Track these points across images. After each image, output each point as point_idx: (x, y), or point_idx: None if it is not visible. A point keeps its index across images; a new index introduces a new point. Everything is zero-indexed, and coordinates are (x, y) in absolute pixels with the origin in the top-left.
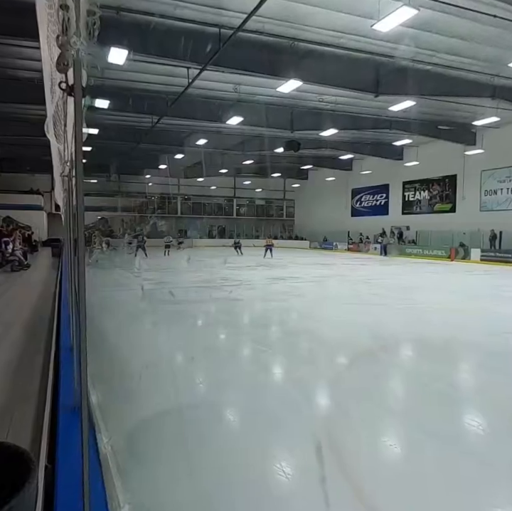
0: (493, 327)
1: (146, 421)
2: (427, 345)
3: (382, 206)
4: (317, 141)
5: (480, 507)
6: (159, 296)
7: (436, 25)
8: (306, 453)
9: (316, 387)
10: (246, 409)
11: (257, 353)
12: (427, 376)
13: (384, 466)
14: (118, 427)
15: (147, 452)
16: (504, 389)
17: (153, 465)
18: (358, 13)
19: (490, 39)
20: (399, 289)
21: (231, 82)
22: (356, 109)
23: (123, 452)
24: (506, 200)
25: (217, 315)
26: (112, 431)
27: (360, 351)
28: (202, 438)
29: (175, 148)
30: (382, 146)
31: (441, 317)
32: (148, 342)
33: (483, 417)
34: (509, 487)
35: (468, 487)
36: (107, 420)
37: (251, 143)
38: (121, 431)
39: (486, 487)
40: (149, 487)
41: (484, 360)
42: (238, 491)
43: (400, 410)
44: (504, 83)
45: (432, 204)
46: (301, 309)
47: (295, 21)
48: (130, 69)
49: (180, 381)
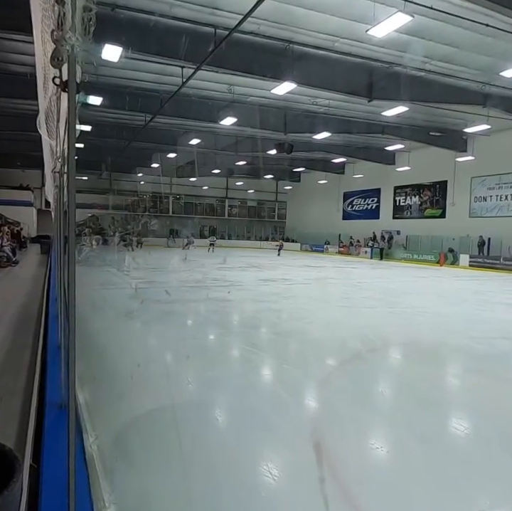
0: (479, 331)
1: (134, 421)
2: (415, 348)
3: (374, 210)
4: (310, 143)
5: (465, 507)
6: (150, 295)
7: (430, 33)
8: (294, 454)
9: (305, 388)
10: (236, 409)
11: (247, 354)
12: (415, 378)
13: (371, 467)
14: (106, 426)
15: (135, 452)
16: (489, 391)
17: (141, 465)
18: (353, 18)
19: (482, 48)
20: (389, 292)
21: (225, 82)
22: (349, 113)
23: (110, 451)
24: (495, 207)
25: (207, 315)
26: (100, 431)
27: (350, 353)
28: (192, 438)
29: (168, 147)
30: (375, 150)
31: (429, 321)
32: (138, 342)
33: (469, 419)
34: (492, 489)
35: (452, 488)
36: (94, 420)
37: (244, 144)
38: (109, 431)
39: (470, 488)
40: (137, 487)
41: (470, 363)
42: (227, 492)
43: (388, 411)
44: (495, 92)
45: (422, 209)
46: (291, 311)
47: (290, 24)
48: (124, 66)
49: (169, 381)
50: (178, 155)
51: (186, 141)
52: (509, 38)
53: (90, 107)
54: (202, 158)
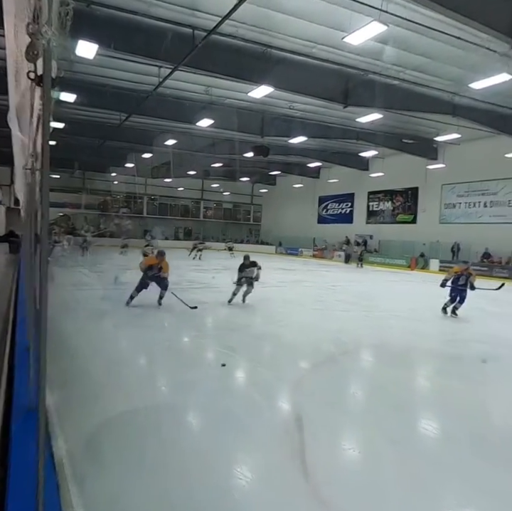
0: (448, 334)
1: (106, 423)
2: (387, 351)
3: (348, 214)
4: (286, 147)
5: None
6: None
7: (405, 43)
8: (267, 456)
9: (278, 391)
10: (210, 412)
11: (222, 356)
12: (386, 380)
13: (343, 468)
14: (76, 429)
15: (107, 455)
16: (458, 393)
17: (112, 468)
18: (330, 25)
19: (453, 59)
20: (362, 296)
21: (203, 84)
22: (325, 118)
23: (81, 455)
24: (464, 214)
25: (182, 318)
26: (70, 434)
27: (323, 356)
28: (163, 440)
29: (143, 147)
30: (349, 156)
31: (400, 324)
32: (109, 345)
33: (439, 420)
34: (460, 489)
35: (422, 489)
36: (64, 423)
37: (220, 146)
38: (80, 434)
39: (439, 488)
40: (107, 491)
41: (440, 365)
42: (200, 494)
43: (360, 413)
44: (464, 102)
45: (394, 215)
46: (266, 314)
47: (269, 28)
48: (100, 64)
49: (141, 384)
50: (153, 155)
51: (162, 142)
52: (479, 51)
53: (63, 104)
54: (178, 159)
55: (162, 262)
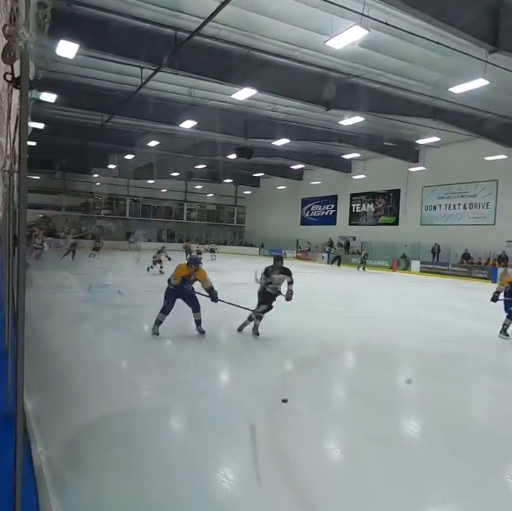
0: (430, 334)
1: (86, 429)
2: (369, 351)
3: (331, 216)
4: (269, 149)
5: (415, 505)
6: (103, 299)
7: (386, 47)
8: (250, 458)
9: (263, 392)
10: (191, 414)
11: (205, 358)
12: (369, 380)
13: (325, 468)
14: (56, 435)
15: (87, 461)
16: (438, 392)
17: (93, 474)
18: (313, 29)
19: (433, 64)
20: (345, 297)
21: (185, 85)
22: (308, 120)
23: (60, 461)
24: (444, 215)
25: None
26: (49, 440)
27: (307, 356)
28: (146, 444)
29: (125, 148)
30: (332, 158)
31: (383, 324)
32: (91, 348)
33: (419, 419)
34: (441, 487)
35: (404, 488)
36: (43, 428)
37: (204, 147)
38: (59, 440)
39: (421, 487)
40: (88, 498)
41: (421, 365)
42: (182, 498)
43: (342, 413)
44: (444, 106)
45: (376, 216)
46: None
47: (251, 31)
48: (81, 64)
49: (124, 387)
50: (136, 157)
51: (144, 143)
52: (458, 56)
53: (44, 104)
54: (160, 160)
55: (197, 273)
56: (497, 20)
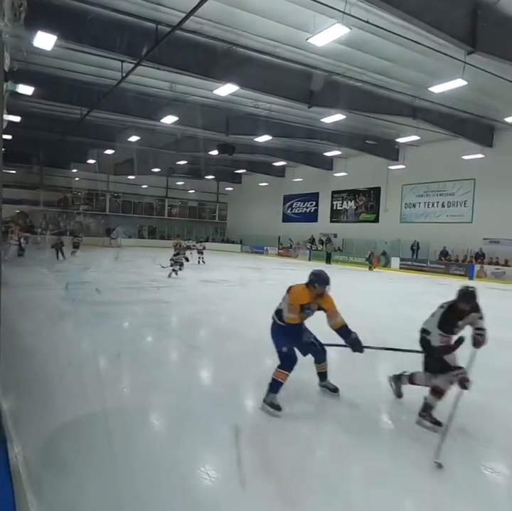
0: (409, 330)
1: (64, 427)
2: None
3: (312, 213)
4: (251, 146)
5: (396, 498)
6: (82, 296)
7: (367, 46)
8: (232, 455)
9: (243, 388)
10: (173, 412)
11: (185, 356)
12: (351, 376)
13: (308, 465)
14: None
15: (65, 462)
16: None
17: (72, 474)
18: (295, 26)
19: (413, 63)
20: None
21: (167, 80)
22: (290, 117)
23: (37, 461)
24: (423, 213)
25: (144, 317)
26: (26, 439)
27: None
28: (126, 443)
29: (105, 143)
30: (314, 155)
31: (362, 321)
32: (69, 346)
33: (402, 415)
34: (424, 480)
35: (385, 481)
36: (20, 428)
37: (185, 143)
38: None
39: (401, 481)
40: (66, 499)
41: (401, 362)
42: (164, 496)
43: (324, 409)
44: (424, 105)
45: (357, 214)
46: (230, 312)
47: (234, 26)
48: (59, 56)
49: (103, 386)
50: (116, 152)
51: (125, 138)
52: (437, 56)
53: (20, 97)
54: (141, 156)
55: (322, 300)
56: (475, 22)
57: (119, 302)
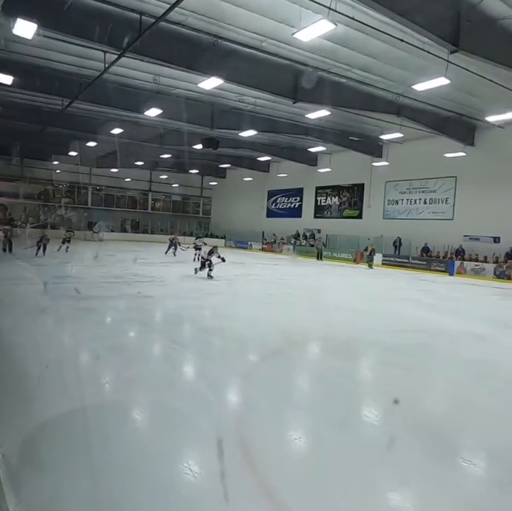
0: (390, 325)
1: (43, 425)
2: (333, 342)
3: (296, 208)
4: (236, 140)
5: (375, 490)
6: (63, 291)
7: (352, 42)
8: (215, 450)
9: (226, 383)
10: (156, 408)
11: (169, 351)
12: (331, 371)
13: (290, 458)
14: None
15: (45, 459)
16: (400, 381)
17: (51, 473)
18: (281, 20)
19: (397, 61)
20: (309, 289)
21: (151, 72)
22: (275, 112)
23: (17, 460)
24: (406, 210)
25: (127, 312)
26: (4, 437)
27: (272, 349)
28: (107, 439)
29: (87, 135)
30: (298, 151)
31: (346, 316)
32: (50, 342)
33: (379, 407)
34: (400, 472)
35: (364, 474)
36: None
37: (169, 137)
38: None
39: (380, 473)
40: (46, 497)
41: (383, 355)
42: (145, 492)
43: (305, 403)
44: (407, 103)
45: (341, 210)
46: (214, 308)
47: (219, 19)
48: (40, 45)
49: (84, 381)
50: (98, 144)
51: (108, 130)
52: (421, 54)
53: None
54: (124, 149)
55: None
56: (458, 21)
57: (102, 297)
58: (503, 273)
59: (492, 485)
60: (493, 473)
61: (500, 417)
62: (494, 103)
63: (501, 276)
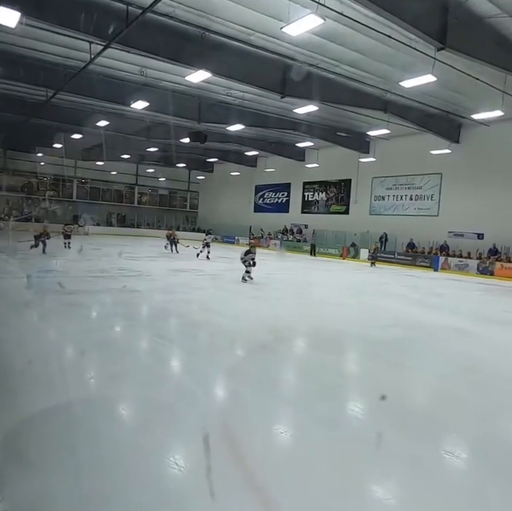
0: (376, 320)
1: (28, 420)
2: (319, 337)
3: (284, 203)
4: (224, 135)
5: (360, 483)
6: (48, 285)
7: (341, 38)
8: (202, 444)
9: (213, 378)
10: (142, 403)
11: (155, 345)
12: (317, 365)
13: (276, 451)
14: None
15: (29, 455)
16: (382, 374)
17: (36, 469)
18: (269, 14)
19: (385, 57)
20: (296, 284)
21: (137, 64)
22: (263, 107)
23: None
24: (392, 206)
25: (114, 307)
26: None
27: (258, 343)
28: (92, 435)
29: (72, 127)
30: (286, 146)
31: (331, 311)
32: (35, 336)
33: (364, 401)
34: (384, 464)
35: (349, 467)
36: None
37: (156, 130)
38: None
39: (365, 466)
40: (31, 494)
41: (366, 349)
42: (130, 487)
43: (291, 397)
44: (394, 99)
45: (328, 205)
46: (201, 302)
47: (207, 11)
48: (24, 34)
49: (69, 376)
50: (84, 136)
51: (93, 123)
52: (409, 51)
53: None
54: (110, 141)
55: None
56: (445, 19)
57: (88, 291)
58: (486, 269)
59: (474, 475)
60: (475, 464)
61: (482, 409)
62: (479, 101)
63: (484, 272)
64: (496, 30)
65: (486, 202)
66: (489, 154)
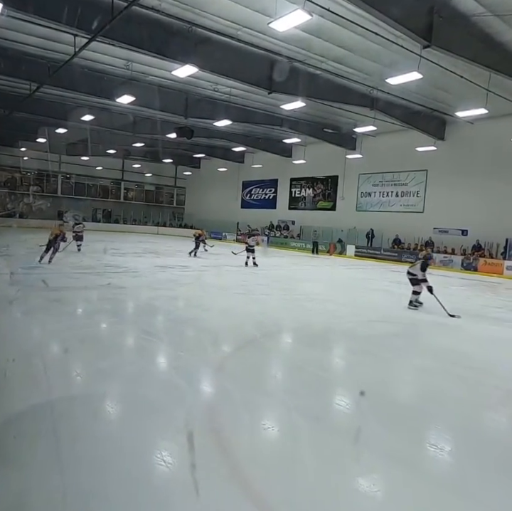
0: (362, 315)
1: (11, 418)
2: (305, 332)
3: (271, 200)
4: (211, 130)
5: (345, 476)
6: (33, 282)
7: (328, 34)
8: (188, 440)
9: (200, 374)
10: (128, 400)
11: (142, 342)
12: (304, 360)
13: (263, 446)
14: None
15: (11, 453)
16: (369, 369)
17: (18, 467)
18: (256, 9)
19: (372, 54)
20: (283, 280)
21: (123, 57)
22: (250, 103)
23: None
24: (378, 202)
25: (99, 304)
26: None
27: (245, 339)
28: (77, 432)
29: (56, 121)
30: (273, 142)
31: (318, 306)
32: (17, 334)
33: (350, 396)
34: (369, 458)
35: (335, 461)
36: None
37: (142, 125)
38: None
39: (350, 459)
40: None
41: (353, 345)
42: (116, 485)
43: (278, 393)
44: (381, 96)
45: (315, 201)
46: (188, 298)
47: (194, 5)
48: (6, 26)
49: (54, 374)
50: (68, 131)
51: (78, 117)
52: (395, 48)
53: None
54: (96, 136)
55: None
56: (431, 17)
57: (73, 288)
58: (470, 265)
59: (457, 467)
60: (458, 456)
61: (466, 402)
62: (464, 99)
63: (468, 267)
64: (481, 28)
65: (470, 199)
66: (473, 151)
